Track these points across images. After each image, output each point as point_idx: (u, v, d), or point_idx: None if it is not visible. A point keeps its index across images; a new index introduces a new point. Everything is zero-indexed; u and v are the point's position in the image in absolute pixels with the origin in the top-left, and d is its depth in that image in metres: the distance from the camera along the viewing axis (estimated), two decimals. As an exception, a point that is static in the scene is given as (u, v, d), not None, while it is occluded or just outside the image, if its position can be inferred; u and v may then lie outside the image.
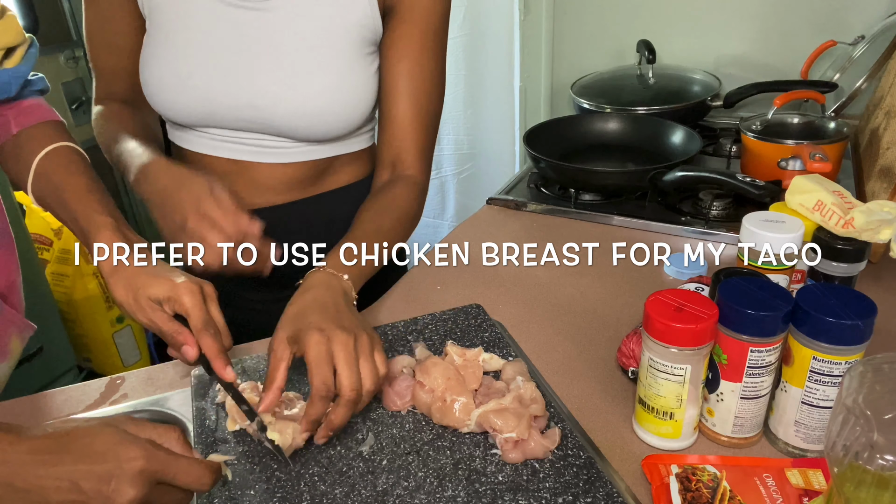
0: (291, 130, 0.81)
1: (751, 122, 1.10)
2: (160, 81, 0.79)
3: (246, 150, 0.83)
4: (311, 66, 0.78)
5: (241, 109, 0.79)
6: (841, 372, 0.54)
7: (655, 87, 1.38)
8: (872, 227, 0.62)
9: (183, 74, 0.77)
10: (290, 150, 0.83)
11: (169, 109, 0.80)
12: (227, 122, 0.80)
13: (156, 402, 0.68)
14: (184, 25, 0.77)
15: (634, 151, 1.21)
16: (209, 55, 0.77)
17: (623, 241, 0.98)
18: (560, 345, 0.75)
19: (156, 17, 0.79)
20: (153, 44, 0.79)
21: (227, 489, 0.56)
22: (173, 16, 0.78)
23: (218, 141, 0.83)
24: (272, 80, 0.77)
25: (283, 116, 0.79)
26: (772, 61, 1.41)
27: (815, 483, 0.53)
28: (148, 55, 0.80)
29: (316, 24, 0.78)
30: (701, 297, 0.56)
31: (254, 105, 0.78)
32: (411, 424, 0.63)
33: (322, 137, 0.83)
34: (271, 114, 0.79)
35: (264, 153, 0.83)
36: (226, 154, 0.83)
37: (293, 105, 0.78)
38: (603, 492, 0.54)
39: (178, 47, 0.78)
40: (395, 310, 0.83)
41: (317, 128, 0.81)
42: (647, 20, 1.51)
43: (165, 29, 0.78)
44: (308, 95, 0.78)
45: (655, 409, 0.58)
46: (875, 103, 1.08)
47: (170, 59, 0.78)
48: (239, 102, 0.78)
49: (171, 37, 0.78)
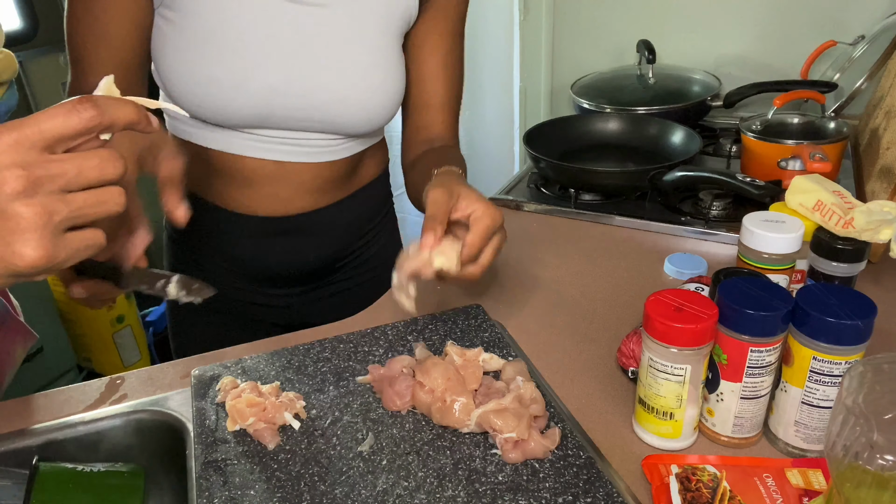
0: (350, 127, 0.81)
1: (751, 122, 1.10)
2: (210, 82, 0.73)
3: (293, 150, 0.81)
4: (369, 61, 0.79)
5: (302, 109, 0.77)
6: (841, 372, 0.54)
7: (655, 87, 1.38)
8: (872, 227, 0.62)
9: (239, 75, 0.73)
10: (335, 147, 0.84)
11: (219, 112, 0.75)
12: (284, 122, 0.78)
13: (156, 402, 0.68)
14: (234, 22, 0.73)
15: (634, 151, 1.20)
16: (269, 54, 0.74)
17: (623, 241, 0.98)
18: (560, 345, 0.75)
19: (190, 10, 0.73)
20: (192, 41, 0.73)
21: (227, 489, 0.56)
22: (217, 11, 0.73)
23: (266, 143, 0.80)
24: (334, 77, 0.77)
25: (345, 114, 0.79)
26: (772, 61, 1.41)
27: (815, 483, 0.53)
28: (186, 53, 0.73)
29: (369, 18, 0.78)
30: (701, 297, 0.56)
31: (316, 105, 0.77)
32: (411, 424, 0.63)
33: (371, 130, 0.84)
34: (335, 112, 0.78)
35: (311, 153, 0.82)
36: (273, 156, 0.81)
37: (356, 102, 0.79)
38: (603, 492, 0.54)
39: (230, 45, 0.73)
40: (396, 310, 0.83)
41: (373, 121, 0.82)
42: (647, 20, 1.51)
43: (209, 25, 0.73)
44: (368, 90, 0.79)
45: (655, 409, 0.58)
46: (875, 103, 1.08)
47: (222, 59, 0.73)
48: (301, 102, 0.77)
49: (220, 34, 0.73)
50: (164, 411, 0.67)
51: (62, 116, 0.40)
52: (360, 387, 0.68)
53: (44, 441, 0.65)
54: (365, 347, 0.74)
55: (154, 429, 0.67)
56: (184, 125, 0.81)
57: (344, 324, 0.80)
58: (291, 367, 0.71)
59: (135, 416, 0.67)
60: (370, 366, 0.69)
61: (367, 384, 0.68)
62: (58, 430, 0.66)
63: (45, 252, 0.40)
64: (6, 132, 0.39)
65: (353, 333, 0.76)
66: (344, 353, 0.73)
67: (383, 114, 0.82)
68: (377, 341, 0.75)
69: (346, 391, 0.67)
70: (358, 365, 0.71)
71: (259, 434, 0.61)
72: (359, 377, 0.69)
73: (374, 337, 0.75)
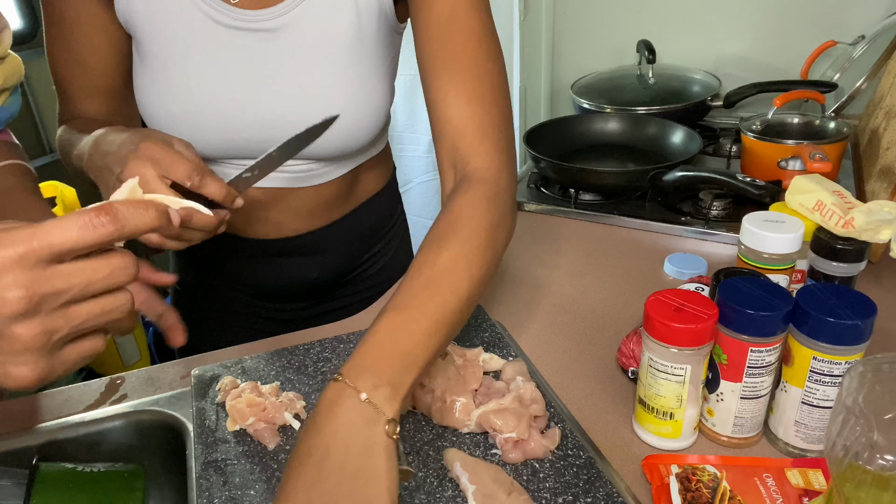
0: (324, 153, 0.75)
1: (751, 122, 1.10)
2: (171, 118, 0.72)
3: (280, 177, 0.77)
4: (333, 81, 0.71)
5: (264, 142, 0.70)
6: (841, 372, 0.54)
7: (655, 87, 1.38)
8: (872, 227, 0.62)
9: (193, 111, 0.71)
10: (321, 171, 0.79)
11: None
12: (248, 152, 0.74)
13: (156, 402, 0.68)
14: (185, 56, 0.70)
15: (634, 151, 1.20)
16: (218, 87, 0.70)
17: (623, 241, 0.98)
18: (560, 345, 0.75)
19: (147, 46, 0.71)
20: (151, 74, 0.72)
21: (227, 489, 0.56)
22: (170, 45, 0.70)
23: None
24: (290, 104, 0.71)
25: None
26: (772, 61, 1.41)
27: (815, 483, 0.53)
28: (148, 88, 0.72)
29: (332, 34, 0.70)
30: (701, 297, 0.56)
31: (277, 136, 0.67)
32: (411, 424, 0.63)
33: (352, 151, 0.77)
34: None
35: (299, 178, 0.78)
36: (262, 184, 0.73)
37: None
38: (603, 492, 0.54)
39: (182, 81, 0.70)
40: (395, 310, 0.83)
41: (348, 144, 0.75)
42: (647, 20, 1.51)
43: (163, 56, 0.70)
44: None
45: (655, 409, 0.58)
46: (875, 103, 1.08)
47: (178, 96, 0.71)
48: (260, 135, 0.72)
49: (173, 69, 0.70)
50: (164, 411, 0.67)
51: (76, 230, 0.37)
52: (360, 387, 0.68)
53: (44, 441, 0.65)
54: (365, 347, 0.74)
55: (154, 429, 0.67)
56: None
57: (344, 324, 0.80)
58: (291, 367, 0.71)
59: (135, 416, 0.67)
60: (370, 366, 0.68)
61: (367, 384, 0.68)
62: (58, 430, 0.66)
63: (39, 373, 0.38)
64: (12, 245, 0.36)
65: (353, 333, 0.76)
66: (344, 353, 0.73)
67: (359, 134, 0.75)
68: (377, 341, 0.74)
69: (346, 391, 0.67)
70: (358, 365, 0.71)
71: (259, 434, 0.61)
72: (359, 377, 0.69)
73: (374, 337, 0.75)
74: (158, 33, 0.70)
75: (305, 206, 0.81)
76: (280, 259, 0.86)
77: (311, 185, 0.80)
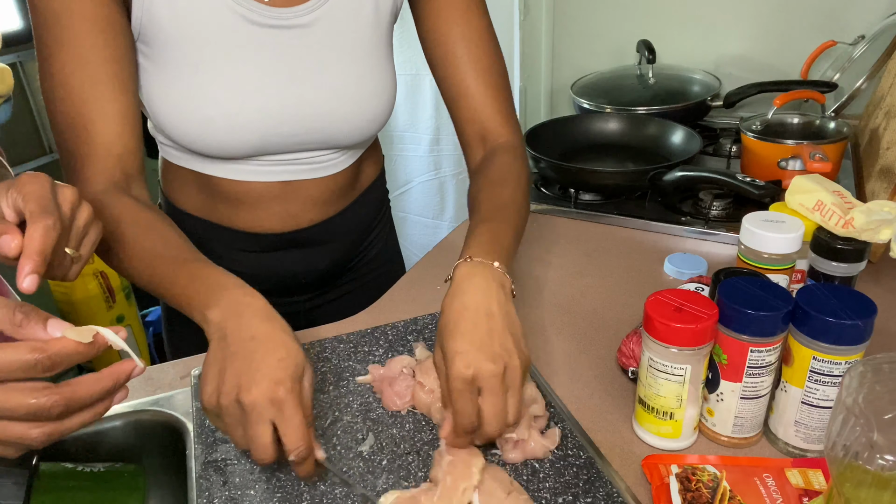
0: (351, 139, 0.79)
1: (751, 122, 1.10)
2: (205, 122, 0.71)
3: (298, 169, 0.80)
4: (359, 70, 0.76)
5: (300, 133, 0.75)
6: (841, 372, 0.54)
7: (655, 87, 1.38)
8: (872, 227, 0.62)
9: (233, 112, 0.71)
10: (338, 159, 0.82)
11: (218, 149, 0.73)
12: (284, 147, 0.76)
13: (156, 402, 0.68)
14: (219, 58, 0.70)
15: (634, 151, 1.20)
16: (260, 86, 0.72)
17: (623, 241, 0.98)
18: (560, 345, 0.75)
19: (170, 52, 0.69)
20: (175, 78, 0.70)
21: (227, 489, 0.56)
22: (202, 48, 0.69)
23: (270, 166, 0.78)
24: (328, 95, 0.75)
25: (344, 128, 0.77)
26: (772, 61, 1.41)
27: (815, 483, 0.53)
28: (171, 91, 0.70)
29: (356, 27, 0.75)
30: (701, 297, 0.56)
31: (314, 126, 0.75)
32: (411, 424, 0.63)
33: (371, 137, 0.83)
34: (334, 129, 0.77)
35: (316, 169, 0.81)
36: (279, 178, 0.79)
37: (353, 115, 0.77)
38: (603, 492, 0.54)
39: (219, 83, 0.70)
40: (395, 310, 0.83)
41: (371, 130, 0.80)
42: (647, 20, 1.51)
43: (192, 64, 0.69)
44: (363, 101, 0.77)
45: (655, 409, 0.58)
46: (875, 103, 1.08)
47: (213, 97, 0.70)
48: (298, 127, 0.75)
49: (206, 72, 0.70)
50: (164, 411, 0.67)
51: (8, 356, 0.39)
52: (360, 387, 0.68)
53: (44, 441, 0.65)
54: (365, 347, 0.74)
55: (154, 429, 0.67)
56: (185, 155, 0.78)
57: (344, 324, 0.80)
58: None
59: (135, 415, 0.67)
60: (370, 366, 0.69)
61: (367, 384, 0.68)
62: (58, 430, 0.66)
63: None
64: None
65: (353, 333, 0.76)
66: (344, 353, 0.73)
67: (382, 119, 0.81)
68: (377, 341, 0.75)
69: (346, 391, 0.67)
70: (358, 365, 0.71)
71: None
72: (359, 377, 0.69)
73: (374, 337, 0.75)
74: (185, 37, 0.69)
75: (322, 195, 0.84)
76: (291, 251, 0.87)
77: (327, 174, 0.82)
